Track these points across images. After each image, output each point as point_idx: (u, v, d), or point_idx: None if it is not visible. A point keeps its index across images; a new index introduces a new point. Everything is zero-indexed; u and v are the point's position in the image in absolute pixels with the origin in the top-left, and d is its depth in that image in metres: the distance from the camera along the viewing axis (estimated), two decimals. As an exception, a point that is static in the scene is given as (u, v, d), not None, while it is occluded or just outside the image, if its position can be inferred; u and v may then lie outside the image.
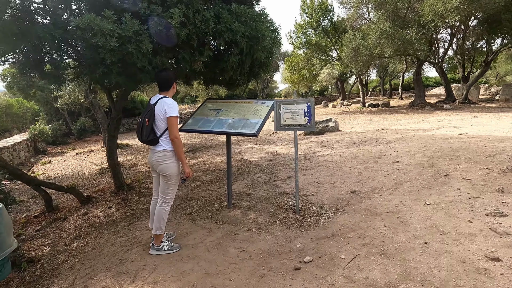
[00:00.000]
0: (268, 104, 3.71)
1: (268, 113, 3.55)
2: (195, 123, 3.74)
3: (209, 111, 3.91)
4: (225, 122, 3.60)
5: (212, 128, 3.55)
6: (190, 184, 5.32)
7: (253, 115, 3.59)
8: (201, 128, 3.62)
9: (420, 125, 9.32)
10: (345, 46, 14.64)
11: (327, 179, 4.70)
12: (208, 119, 3.75)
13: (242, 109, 3.75)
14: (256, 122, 3.44)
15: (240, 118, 3.58)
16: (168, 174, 2.86)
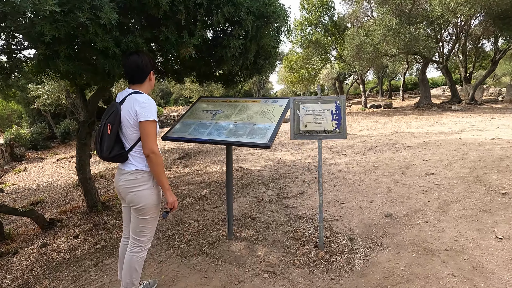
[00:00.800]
0: (282, 103, 2.80)
1: (283, 116, 2.65)
2: (184, 129, 2.82)
3: (204, 113, 2.99)
4: (225, 127, 2.69)
5: (208, 136, 2.63)
6: (181, 200, 4.38)
7: (262, 118, 2.68)
8: (192, 136, 2.70)
9: (437, 128, 8.51)
10: (347, 43, 13.83)
11: (350, 197, 3.81)
12: (201, 124, 2.83)
13: (247, 110, 2.84)
14: (267, 128, 2.53)
15: (245, 123, 2.67)
16: (142, 206, 1.93)
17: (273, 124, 2.57)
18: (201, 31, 2.45)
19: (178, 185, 5.16)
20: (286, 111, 2.70)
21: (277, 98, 2.94)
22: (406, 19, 12.93)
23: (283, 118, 2.63)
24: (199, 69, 4.55)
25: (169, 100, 33.30)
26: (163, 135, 2.82)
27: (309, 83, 20.31)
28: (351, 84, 33.91)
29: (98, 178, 6.29)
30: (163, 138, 2.79)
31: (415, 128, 8.92)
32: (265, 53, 3.86)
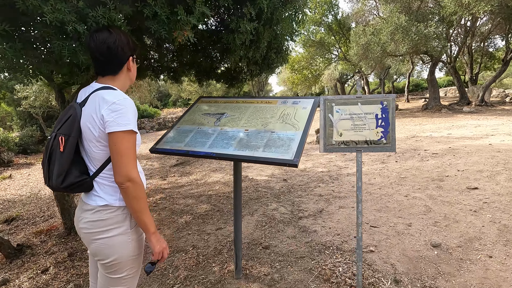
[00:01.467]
0: (306, 104, 2.15)
1: (309, 121, 2.00)
2: (179, 138, 2.16)
3: (205, 117, 2.34)
4: (233, 136, 2.03)
5: (210, 149, 1.98)
6: (177, 219, 3.73)
7: (281, 124, 2.03)
8: (190, 147, 2.04)
9: (457, 132, 7.88)
10: (354, 42, 13.23)
11: (381, 218, 3.15)
12: (202, 131, 2.18)
13: (261, 114, 2.19)
14: (290, 138, 1.88)
15: (260, 130, 2.02)
16: (113, 261, 1.28)
17: (298, 132, 1.91)
18: (202, 7, 1.80)
19: (175, 199, 4.50)
20: (313, 115, 2.06)
21: (299, 98, 2.29)
22: (415, 17, 12.33)
23: (310, 124, 1.98)
24: (198, 65, 3.92)
25: (167, 102, 32.67)
26: (152, 146, 2.17)
27: (312, 84, 19.69)
28: (353, 85, 33.35)
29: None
30: (151, 151, 2.14)
31: (432, 131, 8.29)
32: (278, 44, 3.23)
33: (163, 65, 4.40)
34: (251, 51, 2.55)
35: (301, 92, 23.96)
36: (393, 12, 12.44)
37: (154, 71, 4.45)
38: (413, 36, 11.49)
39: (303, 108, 2.14)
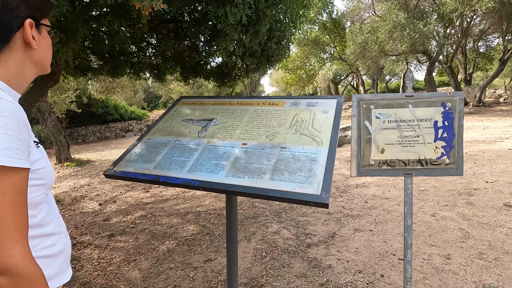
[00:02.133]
0: (328, 107, 1.53)
1: (336, 132, 1.37)
2: (148, 156, 1.51)
3: (186, 125, 1.69)
4: (225, 153, 1.39)
5: (191, 173, 1.32)
6: (157, 246, 3.06)
7: (295, 135, 1.40)
8: (162, 170, 1.39)
9: (465, 135, 7.39)
10: (350, 41, 12.75)
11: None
12: (181, 145, 1.53)
13: (265, 120, 1.56)
14: (310, 157, 1.25)
15: (265, 145, 1.39)
16: None
17: (321, 149, 1.28)
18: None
19: (157, 218, 3.82)
20: (339, 122, 1.43)
21: (315, 98, 1.67)
22: (414, 14, 11.91)
23: (337, 136, 1.36)
24: (184, 60, 3.29)
25: (157, 104, 31.78)
26: (108, 168, 1.51)
27: (306, 85, 19.19)
28: (346, 86, 33.06)
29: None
30: (106, 175, 1.48)
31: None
32: (280, 32, 2.60)
33: (143, 60, 3.75)
34: (248, 36, 1.92)
35: (294, 93, 23.43)
36: (391, 10, 11.99)
37: (133, 68, 3.79)
38: (412, 34, 11.05)
39: (324, 112, 1.51)
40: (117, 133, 17.72)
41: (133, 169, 1.44)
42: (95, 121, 16.78)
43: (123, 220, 3.84)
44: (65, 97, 9.80)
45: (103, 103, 15.89)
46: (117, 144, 13.90)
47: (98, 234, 3.45)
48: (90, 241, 3.27)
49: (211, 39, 2.17)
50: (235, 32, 1.72)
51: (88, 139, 16.68)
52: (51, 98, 9.12)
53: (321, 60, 16.35)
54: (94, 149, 12.42)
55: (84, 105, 14.13)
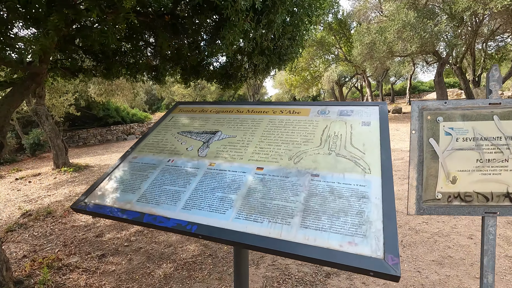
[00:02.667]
0: (368, 117, 1.15)
1: (387, 151, 1.00)
2: (131, 183, 1.14)
3: (182, 139, 1.32)
4: (233, 182, 1.02)
5: (186, 212, 0.95)
6: (153, 270, 2.69)
7: (329, 156, 1.03)
8: (147, 206, 1.02)
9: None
10: (357, 42, 12.36)
11: (451, 279, 2.15)
12: (175, 168, 1.16)
13: (285, 135, 1.18)
14: (357, 192, 0.87)
15: (288, 170, 1.01)
16: None
17: (371, 179, 0.90)
18: None
19: (154, 234, 3.45)
20: (388, 139, 1.05)
21: (349, 105, 1.29)
22: (424, 13, 11.51)
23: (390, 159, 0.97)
24: (184, 60, 2.95)
25: (160, 106, 31.57)
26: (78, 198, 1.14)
27: (310, 87, 18.79)
28: (350, 88, 32.63)
29: (38, 219, 4.49)
30: (74, 208, 1.10)
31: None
32: (295, 26, 2.23)
33: (140, 61, 3.41)
34: (260, 27, 1.54)
35: (298, 95, 23.03)
36: (400, 9, 11.60)
37: (130, 69, 3.44)
38: (422, 34, 10.64)
39: (364, 125, 1.13)
40: (119, 136, 17.43)
41: (109, 202, 1.06)
42: (96, 123, 16.51)
43: (116, 237, 3.48)
44: (64, 100, 9.50)
45: (104, 105, 15.63)
46: (118, 147, 13.59)
47: (88, 255, 3.08)
48: (78, 263, 2.90)
49: (214, 33, 1.79)
50: (245, 21, 1.35)
51: (89, 142, 16.41)
52: (49, 101, 8.81)
53: (326, 61, 15.95)
54: (95, 153, 12.11)
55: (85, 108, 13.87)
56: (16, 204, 5.97)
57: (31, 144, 12.46)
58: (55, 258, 2.97)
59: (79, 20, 1.90)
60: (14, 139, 12.89)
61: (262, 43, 1.86)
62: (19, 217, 4.88)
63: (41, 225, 4.23)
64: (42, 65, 2.52)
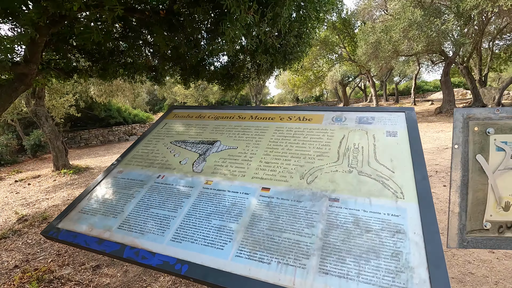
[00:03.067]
0: (394, 125, 0.97)
1: (422, 170, 0.81)
2: (112, 204, 0.96)
3: (175, 149, 1.14)
4: (235, 207, 0.84)
5: (177, 243, 0.78)
6: (150, 283, 2.50)
7: (350, 175, 0.84)
8: (130, 235, 0.85)
9: None
10: (362, 41, 12.13)
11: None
12: (165, 186, 0.98)
13: (295, 146, 1.00)
14: (391, 224, 0.69)
15: (300, 193, 0.83)
16: None
17: (405, 206, 0.72)
18: None
19: None
20: (421, 154, 0.87)
21: (368, 111, 1.10)
22: (430, 12, 11.28)
23: (427, 179, 0.79)
24: (184, 59, 2.78)
25: (162, 106, 31.52)
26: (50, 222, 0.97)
27: (313, 86, 18.56)
28: (353, 88, 32.37)
29: (33, 225, 4.33)
30: (45, 235, 0.93)
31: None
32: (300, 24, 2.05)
33: (138, 61, 3.24)
34: (264, 22, 1.36)
35: (301, 95, 22.83)
36: (406, 7, 11.37)
37: (127, 69, 3.28)
38: (429, 33, 10.40)
39: (390, 135, 0.95)
40: (121, 137, 17.34)
41: (86, 229, 0.89)
42: (98, 124, 16.42)
43: (113, 246, 3.31)
44: (64, 101, 9.38)
45: (105, 106, 15.53)
46: (119, 148, 13.48)
47: (81, 265, 2.92)
48: (70, 275, 2.73)
49: (213, 28, 1.60)
50: (248, 13, 1.17)
51: (90, 143, 16.33)
52: (49, 102, 8.69)
53: (330, 61, 15.73)
54: (96, 154, 12.00)
55: (86, 109, 13.77)
56: (14, 208, 5.84)
57: (32, 145, 12.40)
58: (46, 269, 2.80)
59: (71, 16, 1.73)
60: (15, 140, 12.83)
61: (266, 41, 1.68)
62: (15, 222, 4.74)
63: (36, 231, 4.08)
64: (30, 66, 2.35)
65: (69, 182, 7.53)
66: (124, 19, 2.63)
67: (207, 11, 1.26)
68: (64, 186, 7.28)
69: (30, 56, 2.23)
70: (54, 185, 7.36)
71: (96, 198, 1.00)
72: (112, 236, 0.84)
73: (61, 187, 7.22)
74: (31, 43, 1.98)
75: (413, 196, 0.73)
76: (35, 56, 2.38)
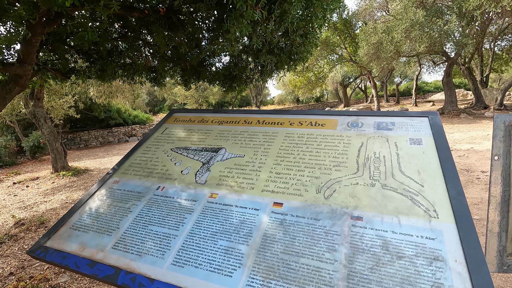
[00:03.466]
0: (417, 132, 0.88)
1: (455, 183, 0.72)
2: (107, 220, 0.86)
3: (176, 157, 1.05)
4: (244, 224, 0.74)
5: (179, 267, 0.68)
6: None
7: (373, 189, 0.75)
8: (125, 256, 0.75)
9: None
10: (364, 41, 12.06)
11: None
12: (165, 200, 0.89)
13: (307, 154, 0.91)
14: (427, 249, 0.60)
15: (318, 209, 0.74)
16: None
17: (440, 227, 0.63)
18: None
19: None
20: (452, 163, 0.77)
21: (386, 115, 1.01)
22: (432, 12, 11.22)
23: (463, 194, 0.70)
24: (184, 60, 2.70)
25: (162, 107, 31.45)
26: (38, 240, 0.88)
27: (314, 87, 18.47)
28: (354, 88, 32.32)
29: (30, 230, 4.23)
30: (31, 255, 0.84)
31: (469, 142, 7.01)
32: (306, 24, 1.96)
33: (137, 62, 3.17)
34: (271, 19, 1.27)
35: (302, 96, 22.73)
36: (408, 8, 11.30)
37: (126, 70, 3.20)
38: (431, 33, 10.32)
39: (414, 143, 0.85)
40: (120, 138, 17.26)
41: (77, 248, 0.79)
42: (98, 125, 16.34)
43: (111, 252, 3.21)
44: (63, 102, 9.28)
45: (105, 107, 15.45)
46: (119, 150, 13.37)
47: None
48: (67, 284, 2.63)
49: (217, 26, 1.50)
50: (255, 9, 1.07)
51: (90, 144, 16.24)
52: (48, 103, 8.59)
53: (331, 62, 15.65)
54: (95, 156, 11.91)
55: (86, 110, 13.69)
56: (11, 211, 5.75)
57: (31, 147, 12.31)
58: (42, 277, 2.71)
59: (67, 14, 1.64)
60: (14, 141, 12.75)
61: (271, 40, 1.59)
62: (12, 226, 4.64)
63: (33, 236, 3.98)
64: (25, 66, 2.26)
65: (68, 184, 7.44)
66: (122, 19, 2.55)
67: (210, 7, 1.17)
68: (63, 188, 7.19)
69: (25, 57, 2.14)
70: (53, 188, 7.26)
71: (89, 212, 0.90)
72: (106, 258, 0.74)
73: (60, 189, 7.13)
74: (25, 42, 1.89)
75: (449, 215, 0.64)
76: (30, 57, 2.29)
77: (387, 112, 1.01)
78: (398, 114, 0.99)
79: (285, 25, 1.40)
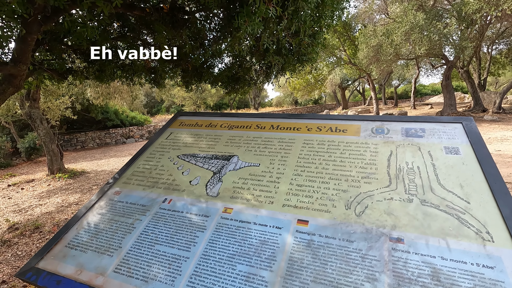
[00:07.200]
0: (452, 140, 0.79)
1: (507, 197, 0.64)
2: (107, 237, 0.76)
3: (184, 165, 0.95)
4: (264, 245, 0.64)
5: None
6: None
7: (411, 205, 0.66)
8: (129, 282, 0.66)
9: (506, 147, 6.56)
10: (363, 44, 12.04)
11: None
12: (173, 214, 0.79)
13: (331, 163, 0.82)
14: (485, 281, 0.52)
15: (349, 228, 0.64)
16: None
17: (497, 253, 0.54)
18: None
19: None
20: (498, 175, 0.69)
21: (414, 121, 0.92)
22: (432, 15, 11.23)
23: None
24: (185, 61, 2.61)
25: (160, 108, 31.31)
26: (28, 261, 0.78)
27: (313, 90, 18.44)
28: (352, 91, 32.39)
29: (24, 235, 4.10)
30: (21, 278, 0.74)
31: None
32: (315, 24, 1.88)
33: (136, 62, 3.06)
34: (284, 16, 1.18)
35: (301, 99, 22.71)
36: (407, 10, 11.30)
37: (125, 70, 3.11)
38: (431, 36, 10.32)
39: (450, 152, 0.77)
40: (118, 140, 17.10)
41: (73, 271, 0.70)
42: (95, 127, 16.18)
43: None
44: (60, 103, 9.14)
45: (102, 108, 15.31)
46: (116, 151, 13.22)
47: (74, 281, 2.71)
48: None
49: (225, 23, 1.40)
50: (269, 5, 0.98)
51: (87, 145, 16.06)
52: (44, 104, 8.45)
53: (330, 64, 15.63)
54: (92, 157, 11.75)
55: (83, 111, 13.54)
56: (5, 215, 5.60)
57: (27, 148, 12.12)
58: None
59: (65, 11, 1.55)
60: (9, 142, 12.59)
61: (281, 40, 1.51)
62: (5, 231, 4.51)
63: (27, 242, 3.85)
64: (19, 66, 2.16)
65: (64, 187, 7.29)
66: (122, 18, 2.46)
67: (220, 3, 1.08)
68: (59, 191, 7.03)
69: (20, 56, 2.03)
70: (48, 190, 7.11)
71: (87, 228, 0.81)
72: (107, 283, 0.65)
73: (56, 192, 6.97)
74: (20, 41, 1.79)
75: (506, 239, 0.55)
76: (25, 56, 2.18)
77: (415, 117, 0.92)
78: (428, 120, 0.91)
79: (299, 23, 1.31)
